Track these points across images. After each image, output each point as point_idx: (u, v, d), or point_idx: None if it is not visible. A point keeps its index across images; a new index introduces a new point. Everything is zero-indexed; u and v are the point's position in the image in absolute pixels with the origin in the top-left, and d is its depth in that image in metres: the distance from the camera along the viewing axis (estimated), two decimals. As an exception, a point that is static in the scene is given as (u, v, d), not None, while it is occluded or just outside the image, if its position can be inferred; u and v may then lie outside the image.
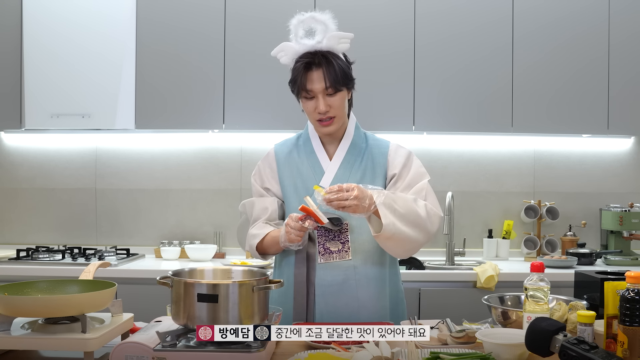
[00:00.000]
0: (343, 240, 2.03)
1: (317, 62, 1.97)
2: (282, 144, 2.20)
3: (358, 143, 2.12)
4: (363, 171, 2.08)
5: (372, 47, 3.32)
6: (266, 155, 2.19)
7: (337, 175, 2.07)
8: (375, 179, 2.08)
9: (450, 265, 3.47)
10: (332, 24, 2.01)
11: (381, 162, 2.10)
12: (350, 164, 2.09)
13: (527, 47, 3.34)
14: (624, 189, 3.66)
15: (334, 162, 2.09)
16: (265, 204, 2.12)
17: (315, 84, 1.98)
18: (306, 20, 2.01)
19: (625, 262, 3.36)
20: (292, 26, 2.03)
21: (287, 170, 2.12)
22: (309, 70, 1.98)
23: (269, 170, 2.15)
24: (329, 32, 2.00)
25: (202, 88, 3.35)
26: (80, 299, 1.56)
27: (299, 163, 2.11)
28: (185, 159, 3.68)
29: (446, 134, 3.58)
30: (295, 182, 2.09)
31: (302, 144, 2.15)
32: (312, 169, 2.09)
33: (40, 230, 3.70)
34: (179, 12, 3.35)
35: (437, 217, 2.01)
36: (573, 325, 1.78)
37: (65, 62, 3.29)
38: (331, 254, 2.01)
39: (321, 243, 2.03)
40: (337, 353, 1.54)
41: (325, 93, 1.99)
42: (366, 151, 2.12)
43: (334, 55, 2.01)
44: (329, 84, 1.97)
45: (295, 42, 2.02)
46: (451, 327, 1.84)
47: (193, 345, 1.50)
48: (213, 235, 3.64)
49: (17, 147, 3.72)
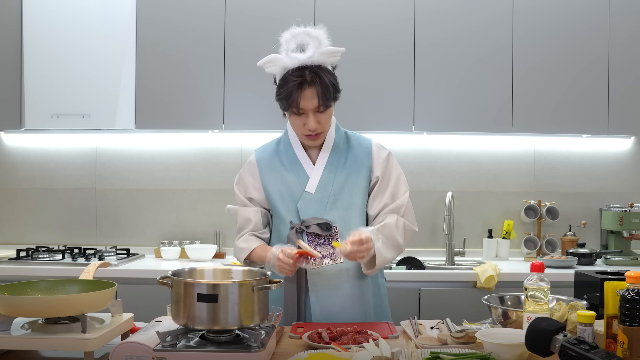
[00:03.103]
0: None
1: (309, 79, 1.95)
2: (262, 150, 2.18)
3: (339, 144, 2.12)
4: (347, 173, 2.09)
5: (372, 47, 3.32)
6: (248, 163, 2.17)
7: (322, 180, 2.07)
8: (359, 179, 2.09)
9: (450, 265, 3.47)
10: (325, 39, 1.99)
11: (365, 162, 2.10)
12: (334, 166, 2.09)
13: (527, 47, 3.34)
14: (624, 189, 3.66)
15: (317, 167, 2.09)
16: (248, 214, 2.12)
17: (308, 103, 1.97)
18: (299, 35, 1.99)
19: (625, 262, 3.36)
20: (284, 40, 2.00)
21: (270, 178, 2.11)
22: (302, 88, 1.96)
23: (251, 179, 2.13)
24: (321, 47, 1.98)
25: (202, 88, 3.35)
26: (80, 299, 1.56)
27: (282, 170, 2.10)
28: (185, 159, 3.68)
29: (446, 134, 3.58)
30: (280, 190, 2.09)
31: (283, 150, 2.13)
32: (296, 175, 2.09)
33: (40, 230, 3.70)
34: (179, 12, 3.35)
35: (411, 234, 2.08)
36: (573, 325, 1.78)
37: (65, 62, 3.29)
38: (322, 258, 2.01)
39: (312, 248, 2.04)
40: (337, 353, 1.54)
41: (316, 110, 1.98)
42: (349, 152, 2.12)
43: (325, 71, 1.99)
44: (322, 102, 1.97)
45: (286, 55, 1.99)
46: (451, 327, 1.84)
47: (193, 345, 1.50)
48: (213, 235, 3.64)
49: (17, 147, 3.72)
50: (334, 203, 2.06)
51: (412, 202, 2.14)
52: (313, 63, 1.97)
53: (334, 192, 2.06)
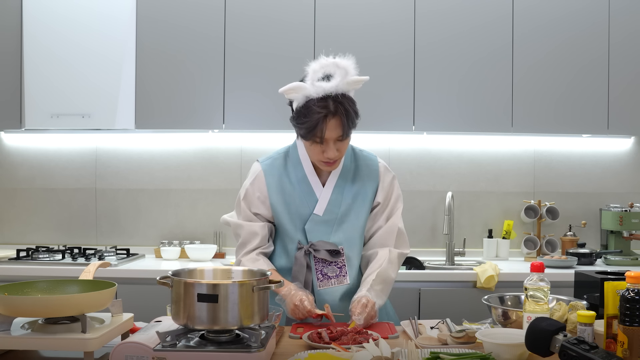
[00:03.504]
0: (340, 264, 2.08)
1: (333, 110, 1.91)
2: (270, 164, 2.13)
3: (347, 164, 2.12)
4: (354, 195, 2.10)
5: (372, 47, 3.32)
6: (255, 178, 2.12)
7: (331, 201, 2.08)
8: (365, 202, 2.12)
9: (450, 265, 3.47)
10: (352, 69, 1.94)
11: (371, 187, 2.12)
12: (342, 187, 2.10)
13: (527, 47, 3.34)
14: (624, 189, 3.66)
15: (326, 189, 2.09)
16: (254, 228, 2.10)
17: (331, 133, 1.95)
18: (328, 66, 1.93)
19: (625, 262, 3.36)
20: (311, 70, 1.94)
21: (279, 198, 2.09)
22: (326, 119, 1.93)
23: (258, 194, 2.10)
24: (347, 77, 1.93)
25: (202, 88, 3.35)
26: (80, 299, 1.56)
27: (291, 191, 2.09)
28: (185, 159, 3.68)
29: (446, 134, 3.58)
30: (289, 209, 2.09)
31: (292, 169, 2.11)
32: (305, 196, 2.09)
33: (40, 230, 3.70)
34: (179, 12, 3.35)
35: (402, 259, 2.15)
36: (573, 325, 1.78)
37: (65, 62, 3.29)
38: (329, 279, 2.07)
39: (319, 269, 2.07)
40: (337, 353, 1.54)
41: (337, 139, 1.97)
42: (356, 173, 2.12)
43: (348, 100, 1.95)
44: (344, 132, 1.95)
45: (311, 84, 1.93)
46: (451, 327, 1.84)
47: (193, 345, 1.50)
48: (213, 235, 3.64)
49: (17, 147, 3.72)
50: (340, 224, 2.09)
51: (412, 202, 2.16)
52: (337, 92, 1.93)
53: (341, 214, 2.09)
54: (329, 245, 2.06)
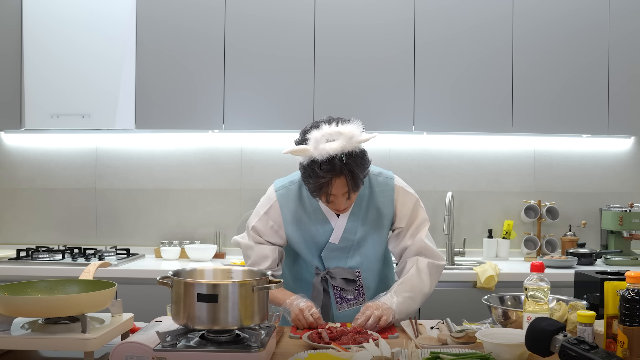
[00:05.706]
0: (357, 287, 2.11)
1: (338, 170, 1.87)
2: (285, 195, 2.10)
3: (362, 191, 2.09)
4: (370, 222, 2.11)
5: (372, 47, 3.31)
6: (270, 208, 2.10)
7: (346, 229, 2.09)
8: (383, 229, 2.12)
9: (450, 265, 3.47)
10: (358, 131, 1.89)
11: (388, 212, 2.11)
12: (357, 216, 2.09)
13: (527, 46, 3.34)
14: (624, 189, 3.66)
15: (341, 218, 2.09)
16: (265, 251, 2.10)
17: (338, 190, 1.94)
18: (331, 134, 1.88)
19: (625, 262, 3.36)
20: (313, 137, 1.88)
21: (295, 227, 2.09)
22: (332, 182, 1.91)
23: (272, 224, 2.10)
24: (353, 140, 1.88)
25: (202, 88, 3.35)
26: (80, 299, 1.56)
27: (306, 220, 2.09)
28: (185, 159, 3.68)
29: (446, 134, 3.58)
30: (304, 238, 2.10)
31: (307, 198, 2.09)
32: (320, 225, 2.09)
33: (40, 230, 3.70)
34: (179, 12, 3.35)
35: (439, 270, 2.13)
36: (573, 325, 1.78)
37: (65, 62, 3.29)
38: (347, 301, 2.11)
39: (337, 293, 2.11)
40: (337, 353, 1.54)
41: (345, 193, 1.96)
42: (371, 200, 2.10)
43: (355, 158, 1.89)
44: (351, 189, 1.94)
45: (314, 148, 1.88)
46: (451, 327, 1.84)
47: (193, 345, 1.50)
48: (213, 235, 3.64)
49: (17, 147, 3.72)
50: (356, 250, 2.11)
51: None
52: (343, 152, 1.87)
53: (357, 240, 2.10)
54: (346, 273, 2.09)
